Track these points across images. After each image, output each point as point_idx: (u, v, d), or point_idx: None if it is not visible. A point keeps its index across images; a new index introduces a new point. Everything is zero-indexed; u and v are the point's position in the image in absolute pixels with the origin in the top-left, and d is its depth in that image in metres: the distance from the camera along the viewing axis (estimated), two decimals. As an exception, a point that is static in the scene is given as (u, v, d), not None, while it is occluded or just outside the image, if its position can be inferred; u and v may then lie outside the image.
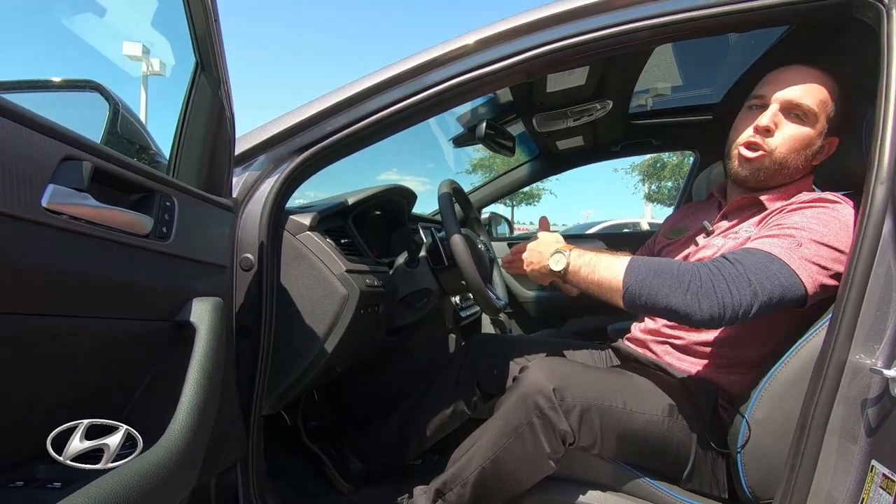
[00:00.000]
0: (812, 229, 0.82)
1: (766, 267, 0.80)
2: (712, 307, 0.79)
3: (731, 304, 0.78)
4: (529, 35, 0.93)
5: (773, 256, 0.80)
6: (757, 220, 0.94)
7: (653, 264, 0.86)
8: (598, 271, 0.90)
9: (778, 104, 0.93)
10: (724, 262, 0.82)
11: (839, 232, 0.82)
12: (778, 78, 0.95)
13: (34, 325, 0.49)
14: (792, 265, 0.80)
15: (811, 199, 0.89)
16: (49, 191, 0.47)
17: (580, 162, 2.29)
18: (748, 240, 0.90)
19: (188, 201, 0.71)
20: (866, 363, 0.70)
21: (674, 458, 0.93)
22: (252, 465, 0.95)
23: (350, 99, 0.98)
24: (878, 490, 0.66)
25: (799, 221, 0.85)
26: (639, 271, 0.85)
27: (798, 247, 0.81)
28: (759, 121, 0.94)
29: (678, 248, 1.08)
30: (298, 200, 1.21)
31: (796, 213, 0.87)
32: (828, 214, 0.85)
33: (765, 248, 0.82)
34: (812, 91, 0.92)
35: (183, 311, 0.68)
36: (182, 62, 0.80)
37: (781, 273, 0.79)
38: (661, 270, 0.84)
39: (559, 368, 0.94)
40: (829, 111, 0.92)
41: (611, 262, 0.89)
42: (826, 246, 0.81)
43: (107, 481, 0.46)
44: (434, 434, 1.26)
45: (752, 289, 0.79)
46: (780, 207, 0.92)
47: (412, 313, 1.34)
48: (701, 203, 1.19)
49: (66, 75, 0.91)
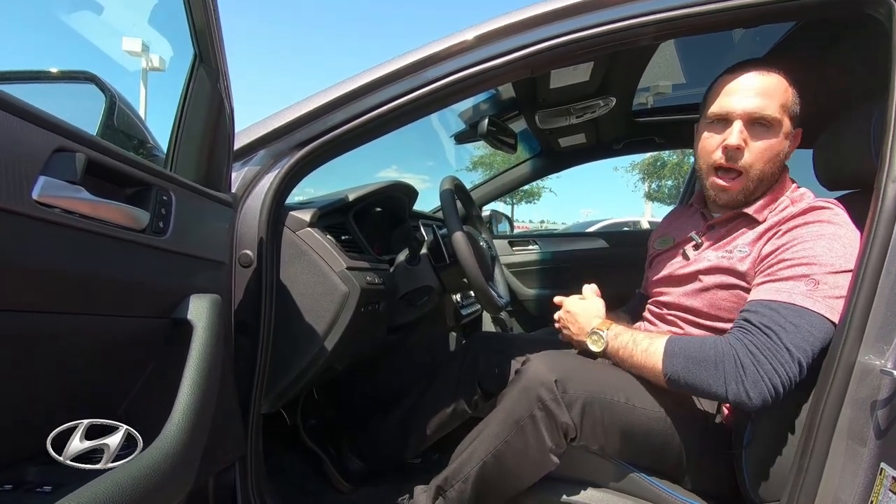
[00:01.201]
0: (822, 262, 0.80)
1: (797, 326, 0.78)
2: (763, 394, 0.77)
3: (780, 382, 0.77)
4: (534, 29, 0.92)
5: (800, 308, 0.79)
6: (751, 239, 0.92)
7: (690, 350, 0.84)
8: (636, 356, 0.90)
9: (741, 119, 0.90)
10: (757, 335, 0.79)
11: (847, 253, 0.80)
12: (734, 88, 0.92)
13: (24, 323, 0.48)
14: (819, 310, 0.78)
15: (804, 212, 0.87)
16: (40, 183, 0.45)
17: (582, 160, 2.28)
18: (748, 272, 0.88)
19: (186, 196, 0.69)
20: (876, 364, 0.68)
21: (676, 457, 0.92)
22: (251, 464, 0.94)
23: (351, 94, 0.96)
24: (888, 493, 0.65)
25: (807, 255, 0.82)
26: (676, 360, 0.85)
27: (816, 286, 0.79)
28: (728, 140, 0.91)
29: (668, 260, 1.07)
30: (298, 197, 1.19)
31: (798, 240, 0.84)
32: (829, 236, 0.82)
33: (785, 300, 0.80)
34: (771, 97, 0.89)
35: (180, 308, 0.67)
36: (181, 56, 0.78)
37: (814, 325, 0.78)
38: (700, 359, 0.82)
39: (562, 361, 0.93)
40: (790, 110, 0.91)
41: (647, 346, 0.89)
42: (840, 273, 0.79)
43: (98, 485, 0.44)
44: (434, 433, 1.25)
45: (795, 360, 0.77)
46: (775, 225, 0.89)
47: (413, 311, 1.33)
48: (684, 209, 1.17)
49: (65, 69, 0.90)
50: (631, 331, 0.95)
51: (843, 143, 0.97)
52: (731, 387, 0.79)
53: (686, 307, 0.98)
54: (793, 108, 0.92)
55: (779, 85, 0.90)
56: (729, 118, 0.91)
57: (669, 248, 1.09)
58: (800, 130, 0.95)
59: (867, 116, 0.89)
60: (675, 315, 1.00)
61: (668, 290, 1.03)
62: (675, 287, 1.01)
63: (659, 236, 1.17)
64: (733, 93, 0.91)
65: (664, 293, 1.04)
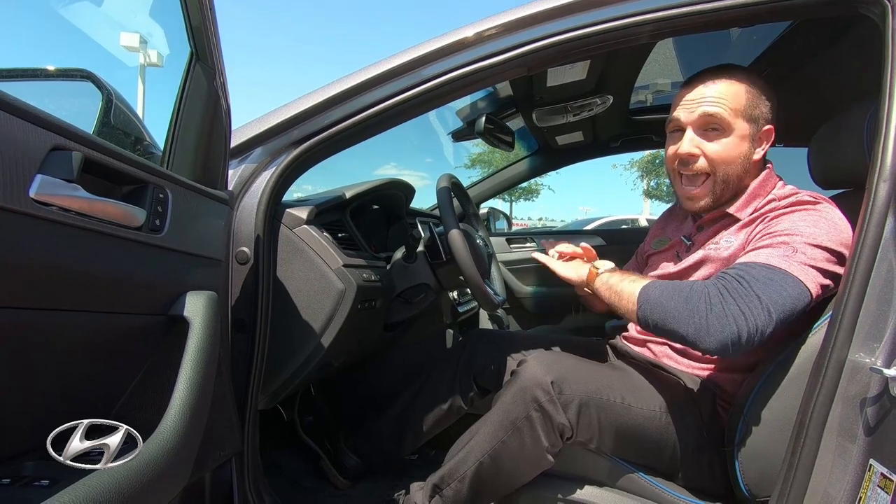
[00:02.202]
0: (804, 233, 0.81)
1: (770, 279, 0.78)
2: (724, 333, 0.76)
3: (745, 327, 0.76)
4: (531, 28, 0.92)
5: (774, 267, 0.79)
6: (736, 229, 0.93)
7: (666, 286, 0.86)
8: (622, 284, 0.92)
9: (692, 126, 0.94)
10: (730, 280, 0.80)
11: (830, 231, 0.81)
12: (685, 99, 0.95)
13: (21, 320, 0.48)
14: (794, 272, 0.78)
15: (790, 203, 0.88)
16: (37, 181, 0.46)
17: (579, 157, 2.28)
18: (733, 255, 0.89)
19: (182, 193, 0.70)
20: (866, 362, 0.69)
21: (670, 455, 0.92)
22: (247, 460, 0.94)
23: (348, 91, 0.96)
24: (877, 489, 0.66)
25: (788, 227, 0.84)
26: (651, 291, 0.86)
27: (794, 252, 0.80)
28: (679, 149, 0.95)
29: (661, 261, 1.08)
30: (295, 194, 1.20)
31: (783, 219, 0.86)
32: (814, 216, 0.84)
33: (762, 260, 0.81)
34: (720, 102, 0.92)
35: (176, 305, 0.67)
36: (179, 53, 0.78)
37: (787, 283, 0.78)
38: (672, 293, 0.83)
39: (557, 362, 0.94)
40: (746, 113, 0.92)
41: (634, 278, 0.92)
42: (820, 248, 0.80)
43: (94, 480, 0.45)
44: (430, 429, 1.25)
45: (765, 308, 0.76)
46: (761, 215, 0.91)
47: (409, 308, 1.33)
48: (676, 209, 1.18)
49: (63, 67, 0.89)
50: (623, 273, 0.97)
51: (837, 141, 0.97)
52: (693, 320, 0.79)
53: None
54: (750, 109, 0.92)
55: (729, 89, 0.92)
56: (682, 128, 0.96)
57: (664, 249, 1.10)
58: (770, 129, 0.95)
59: (861, 116, 0.89)
60: None
61: None
62: None
63: (655, 237, 1.18)
64: (684, 103, 0.96)
65: None
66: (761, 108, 0.94)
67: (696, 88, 0.95)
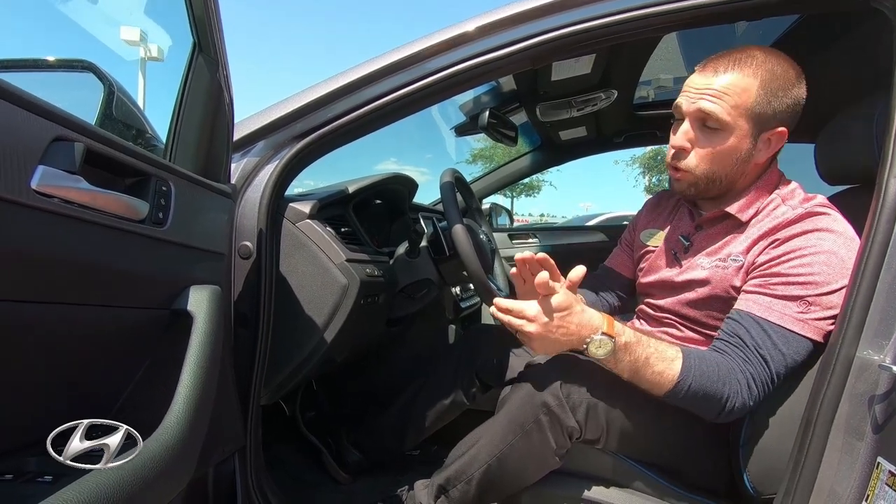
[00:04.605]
0: (818, 281, 0.79)
1: (785, 355, 0.80)
2: (743, 411, 0.82)
3: (756, 397, 0.81)
4: (536, 20, 0.91)
5: (789, 333, 0.80)
6: (744, 247, 0.87)
7: (703, 367, 0.81)
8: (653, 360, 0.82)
9: (689, 118, 0.87)
10: (756, 366, 0.81)
11: (843, 264, 0.79)
12: (689, 85, 0.87)
13: (22, 313, 0.48)
14: (807, 334, 0.80)
15: (800, 217, 0.83)
16: (39, 172, 0.45)
17: (582, 153, 2.27)
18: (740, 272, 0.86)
19: (185, 186, 0.69)
20: (875, 359, 0.68)
21: (676, 452, 0.92)
22: (250, 455, 0.94)
23: (351, 85, 0.96)
24: (885, 487, 0.65)
25: (803, 272, 0.80)
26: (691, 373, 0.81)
27: (808, 308, 0.80)
28: (672, 141, 0.89)
29: (658, 260, 1.02)
30: (298, 189, 1.19)
31: (795, 256, 0.81)
32: (827, 248, 0.80)
33: (775, 321, 0.80)
34: (722, 97, 0.83)
35: (179, 299, 0.67)
36: (180, 46, 0.78)
37: (799, 351, 0.80)
38: (710, 375, 0.81)
39: (566, 364, 0.93)
40: (750, 110, 0.84)
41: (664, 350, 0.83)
42: (835, 291, 0.79)
43: (99, 476, 0.44)
44: (432, 424, 1.25)
45: (775, 383, 0.81)
46: (769, 231, 0.85)
47: (412, 304, 1.33)
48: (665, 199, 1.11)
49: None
50: (637, 332, 0.84)
51: (845, 137, 0.96)
52: (727, 405, 0.81)
53: (682, 314, 0.96)
54: (759, 108, 0.83)
55: (738, 84, 0.83)
56: (682, 116, 0.89)
57: (657, 245, 1.04)
58: (782, 131, 0.87)
59: (870, 111, 0.88)
60: (671, 318, 0.99)
61: (663, 296, 1.00)
62: (670, 295, 0.98)
63: (644, 228, 1.11)
64: (689, 90, 0.88)
65: (659, 297, 1.01)
66: (775, 107, 0.84)
67: (706, 75, 0.86)
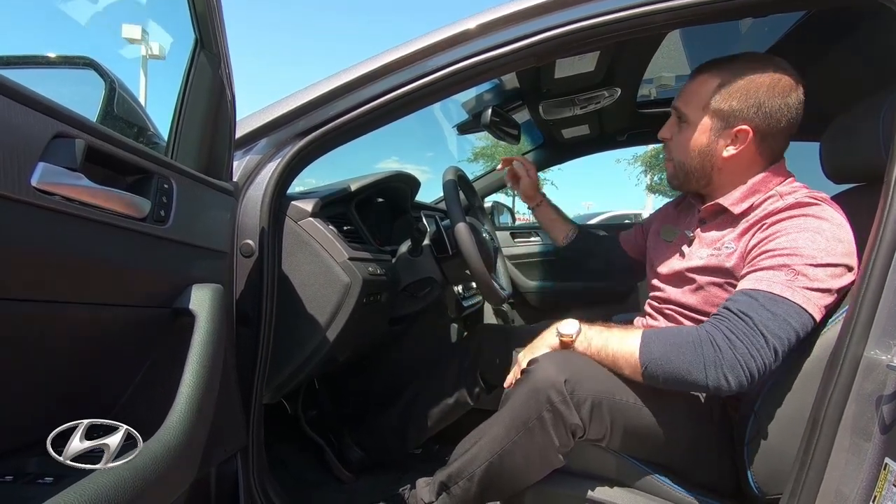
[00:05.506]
0: (804, 253, 0.80)
1: (774, 314, 0.78)
2: (739, 378, 0.78)
3: (755, 367, 0.78)
4: (539, 18, 0.90)
5: (777, 296, 0.79)
6: (736, 234, 0.91)
7: (667, 337, 0.85)
8: (611, 344, 0.89)
9: (673, 112, 1.00)
10: (733, 320, 0.80)
11: (830, 243, 0.80)
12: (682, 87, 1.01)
13: (22, 312, 0.47)
14: (797, 300, 0.78)
15: (788, 206, 0.86)
16: (39, 169, 0.44)
17: (585, 151, 2.26)
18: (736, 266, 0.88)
19: (187, 184, 0.68)
20: (882, 359, 0.68)
21: (680, 452, 0.92)
22: (252, 454, 0.94)
23: (353, 83, 0.95)
24: (892, 488, 0.65)
25: (788, 245, 0.82)
26: (654, 346, 0.84)
27: (796, 276, 0.80)
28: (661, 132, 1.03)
29: (668, 253, 1.07)
30: (300, 187, 1.18)
31: (780, 230, 0.84)
32: (813, 224, 0.82)
33: (764, 288, 0.81)
34: (691, 96, 0.96)
35: (181, 298, 0.66)
36: (181, 44, 0.77)
37: (790, 314, 0.78)
38: (678, 344, 0.82)
39: (570, 361, 0.93)
40: (710, 105, 0.93)
41: (618, 333, 0.90)
42: (822, 266, 0.79)
43: (100, 477, 0.44)
44: (435, 424, 1.25)
45: (770, 346, 0.78)
46: (758, 220, 0.89)
47: (414, 302, 1.32)
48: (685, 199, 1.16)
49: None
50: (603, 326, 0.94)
51: (851, 135, 0.95)
52: (710, 371, 0.79)
53: (683, 303, 0.98)
54: (717, 104, 0.92)
55: (702, 85, 0.94)
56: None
57: (671, 240, 1.08)
58: (743, 129, 0.91)
59: (876, 108, 0.87)
60: (672, 310, 1.01)
61: (666, 287, 1.03)
62: (672, 285, 1.01)
63: (666, 223, 1.15)
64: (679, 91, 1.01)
65: (662, 289, 1.04)
66: (733, 105, 0.91)
67: (688, 81, 0.99)
